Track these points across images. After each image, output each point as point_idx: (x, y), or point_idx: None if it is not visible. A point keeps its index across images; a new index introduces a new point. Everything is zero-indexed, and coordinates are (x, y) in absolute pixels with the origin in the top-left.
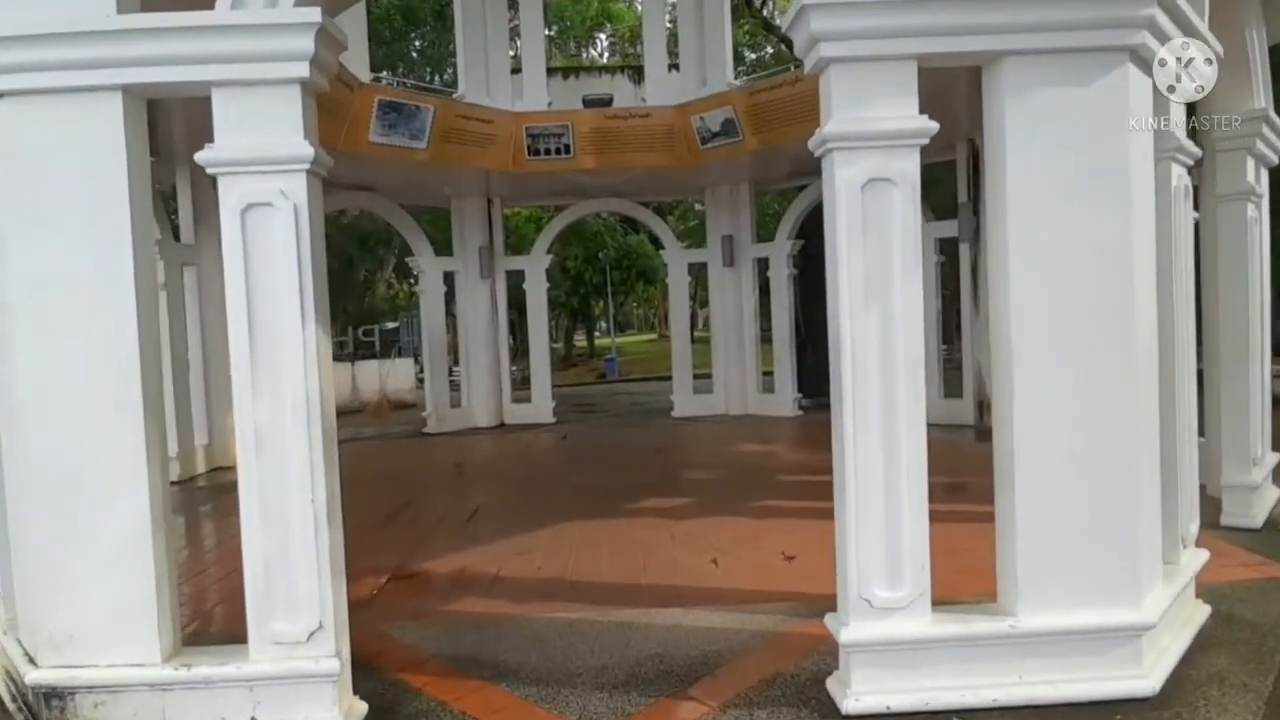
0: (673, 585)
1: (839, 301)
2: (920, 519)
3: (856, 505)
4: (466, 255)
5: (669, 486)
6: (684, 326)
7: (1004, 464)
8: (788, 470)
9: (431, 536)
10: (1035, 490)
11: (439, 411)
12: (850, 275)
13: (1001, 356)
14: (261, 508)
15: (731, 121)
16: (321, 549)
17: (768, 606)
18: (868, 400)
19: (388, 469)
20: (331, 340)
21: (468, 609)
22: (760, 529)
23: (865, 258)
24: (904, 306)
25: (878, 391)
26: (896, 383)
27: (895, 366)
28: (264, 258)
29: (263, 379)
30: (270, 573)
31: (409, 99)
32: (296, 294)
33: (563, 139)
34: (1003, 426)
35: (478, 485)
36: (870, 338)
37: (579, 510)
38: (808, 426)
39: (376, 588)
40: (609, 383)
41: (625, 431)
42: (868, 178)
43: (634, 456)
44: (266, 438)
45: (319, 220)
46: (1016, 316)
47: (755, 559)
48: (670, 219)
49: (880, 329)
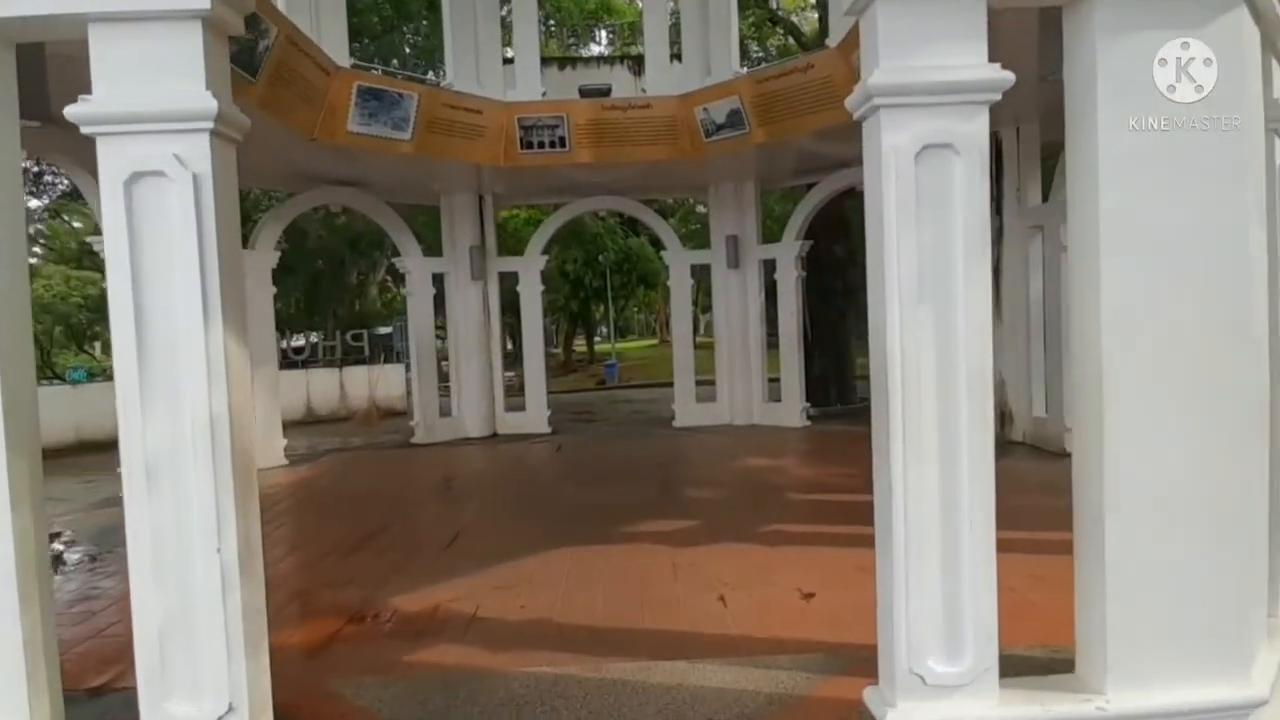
0: (675, 631)
1: (885, 301)
2: (987, 576)
3: (906, 558)
4: (457, 256)
5: (670, 506)
6: (686, 331)
7: (1089, 505)
8: (799, 488)
9: (405, 565)
10: (1130, 539)
11: (427, 421)
12: (900, 268)
13: (1086, 368)
14: (155, 560)
15: (738, 112)
16: (232, 612)
17: (785, 660)
18: (921, 425)
19: (368, 483)
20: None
21: (437, 659)
22: (772, 559)
23: (919, 245)
24: (968, 306)
25: (934, 414)
26: (957, 403)
27: (956, 382)
28: (156, 241)
29: (155, 395)
30: (166, 642)
31: (391, 85)
32: (198, 287)
33: (557, 131)
34: (1087, 457)
35: (463, 503)
36: (925, 346)
37: (571, 534)
38: (817, 439)
39: (332, 632)
40: (609, 389)
41: (624, 443)
42: (923, 144)
43: (633, 471)
44: (160, 470)
45: (230, 194)
46: (1110, 317)
47: (768, 596)
48: (671, 221)
49: (938, 335)
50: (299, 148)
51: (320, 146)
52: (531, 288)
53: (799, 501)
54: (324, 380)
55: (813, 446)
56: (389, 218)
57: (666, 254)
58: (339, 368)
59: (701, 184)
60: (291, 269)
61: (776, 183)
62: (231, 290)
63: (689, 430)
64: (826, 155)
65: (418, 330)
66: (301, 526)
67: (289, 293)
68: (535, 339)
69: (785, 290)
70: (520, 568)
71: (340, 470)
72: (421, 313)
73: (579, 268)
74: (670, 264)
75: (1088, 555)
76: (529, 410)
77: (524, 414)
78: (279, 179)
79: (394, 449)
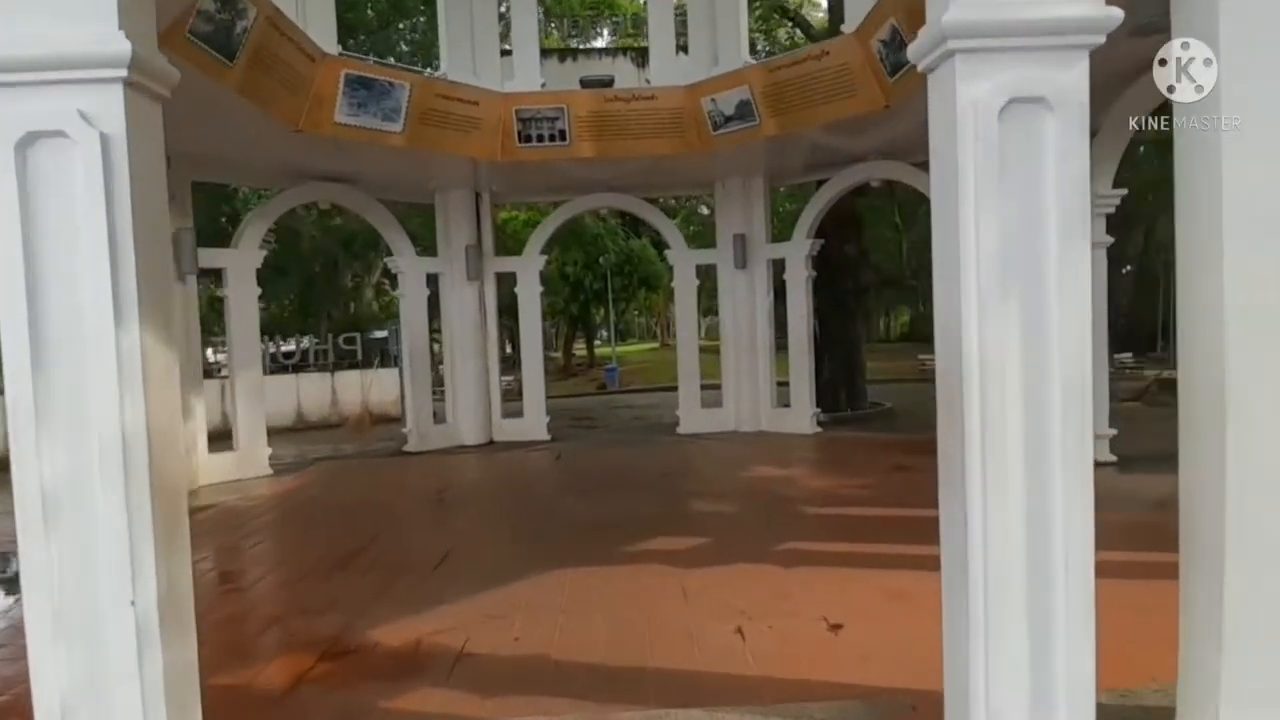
0: (688, 671)
1: (960, 293)
2: (1085, 625)
3: (986, 605)
4: (452, 255)
5: (677, 522)
6: (691, 334)
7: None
8: (813, 500)
9: (389, 589)
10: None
11: (421, 428)
12: (980, 251)
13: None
14: (56, 614)
15: (748, 103)
16: (152, 675)
17: (817, 710)
18: (1005, 445)
19: (356, 495)
20: (177, 351)
21: (417, 707)
22: (791, 582)
23: (1002, 223)
24: (1063, 298)
25: (1020, 431)
26: (1049, 417)
27: (1049, 392)
28: (56, 219)
29: (54, 410)
30: (72, 715)
31: (381, 74)
32: (108, 277)
33: (557, 123)
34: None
35: (455, 517)
36: (1010, 348)
37: (571, 553)
38: (828, 446)
39: (302, 671)
40: (609, 393)
41: (626, 450)
42: (1008, 97)
43: (636, 481)
44: (61, 503)
45: (152, 162)
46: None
47: (791, 628)
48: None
49: (1026, 334)
50: (283, 139)
51: (306, 138)
52: (530, 289)
53: (814, 516)
54: (315, 385)
55: (824, 455)
56: (380, 215)
57: (670, 254)
58: (331, 372)
59: (708, 180)
60: (284, 271)
61: (786, 179)
62: (152, 281)
63: (693, 437)
64: (839, 149)
65: (411, 333)
66: (281, 542)
67: (282, 295)
68: (534, 342)
69: (795, 291)
70: (514, 593)
71: (328, 480)
72: (415, 315)
73: (579, 270)
74: (674, 264)
75: (1199, 603)
76: (527, 416)
77: (522, 420)
78: (263, 174)
79: (386, 457)
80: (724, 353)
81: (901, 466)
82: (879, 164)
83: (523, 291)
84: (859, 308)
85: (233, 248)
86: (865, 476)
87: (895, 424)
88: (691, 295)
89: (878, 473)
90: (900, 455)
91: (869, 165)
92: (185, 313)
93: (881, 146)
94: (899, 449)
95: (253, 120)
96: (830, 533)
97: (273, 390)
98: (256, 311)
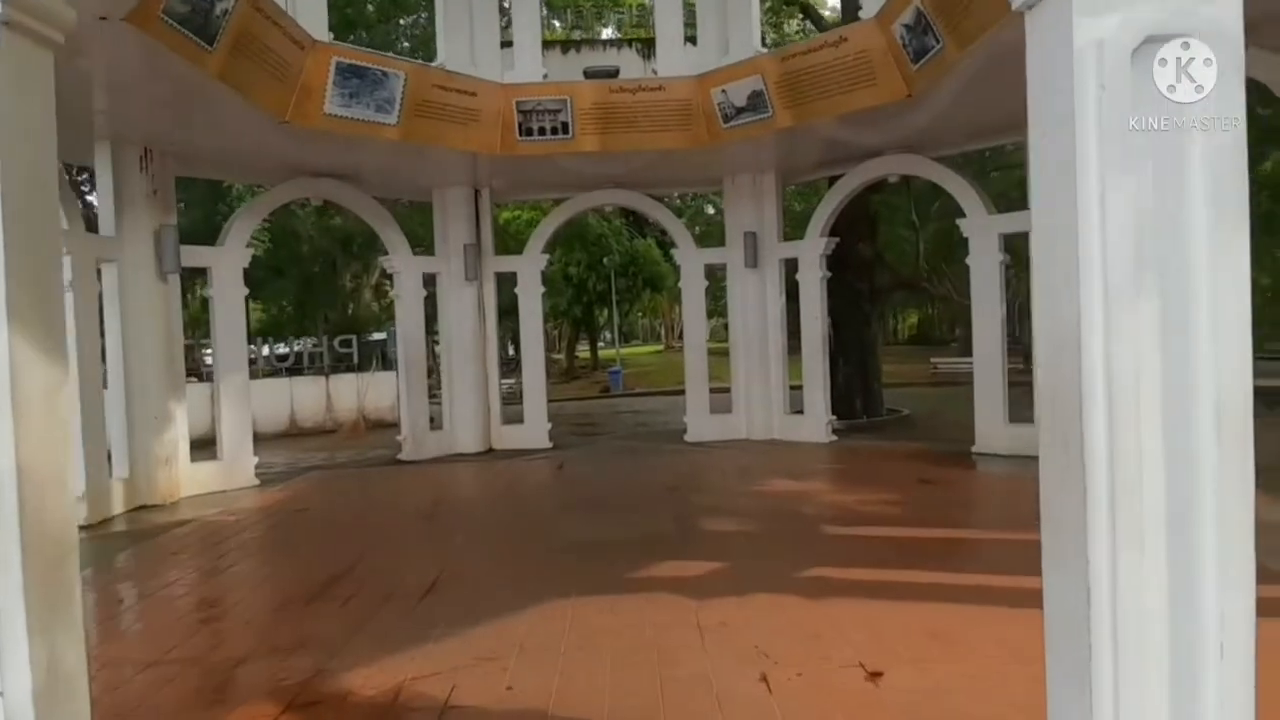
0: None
1: (1078, 290)
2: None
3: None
4: (450, 255)
5: (689, 543)
6: (700, 337)
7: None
8: (835, 519)
9: (370, 622)
10: None
11: (416, 435)
12: (1106, 236)
13: None
14: None
15: (760, 94)
16: None
17: None
18: (1141, 483)
19: (344, 511)
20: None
21: None
22: (819, 617)
23: (1136, 200)
24: (1217, 297)
25: (1161, 465)
26: (1198, 447)
27: (1197, 415)
28: None
29: None
30: None
31: (374, 62)
32: None
33: (560, 116)
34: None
35: (447, 536)
36: (1146, 359)
37: (572, 580)
38: (846, 456)
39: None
40: (613, 397)
41: (632, 460)
42: (1144, 36)
43: (643, 496)
44: None
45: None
46: None
47: (824, 675)
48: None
49: (1167, 342)
50: (271, 132)
51: (294, 130)
52: (531, 289)
53: (838, 537)
54: (309, 390)
55: (843, 466)
56: (375, 212)
57: (678, 253)
58: (326, 376)
59: (716, 176)
60: (281, 271)
61: (799, 175)
62: (29, 275)
63: (702, 445)
64: (855, 144)
65: (406, 336)
66: (259, 564)
67: (278, 297)
68: (535, 345)
69: (808, 292)
70: (509, 629)
71: (315, 493)
72: (411, 316)
73: (583, 271)
74: (682, 264)
75: None
76: (528, 423)
77: (522, 427)
78: (252, 170)
79: (379, 466)
80: (734, 357)
81: (927, 480)
82: (898, 158)
83: (524, 292)
84: (874, 310)
85: (219, 245)
86: (889, 492)
87: (915, 432)
88: (700, 296)
89: (902, 487)
90: (924, 467)
91: (887, 159)
92: (167, 313)
93: (901, 139)
94: (922, 460)
95: (237, 111)
96: (857, 557)
97: (265, 394)
98: (244, 313)
